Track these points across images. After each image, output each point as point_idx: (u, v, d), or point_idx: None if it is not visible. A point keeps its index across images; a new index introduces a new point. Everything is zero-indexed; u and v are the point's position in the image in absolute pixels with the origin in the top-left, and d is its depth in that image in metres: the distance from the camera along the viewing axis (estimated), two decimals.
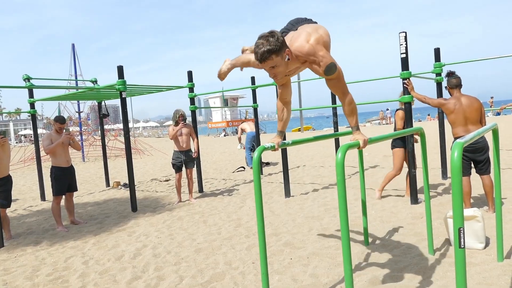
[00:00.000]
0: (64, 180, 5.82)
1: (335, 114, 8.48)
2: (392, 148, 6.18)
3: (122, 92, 6.45)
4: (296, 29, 2.72)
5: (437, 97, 7.33)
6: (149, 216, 6.15)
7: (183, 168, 7.04)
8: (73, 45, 19.47)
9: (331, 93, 8.43)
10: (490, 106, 25.35)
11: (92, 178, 11.49)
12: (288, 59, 2.46)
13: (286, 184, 6.92)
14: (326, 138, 3.52)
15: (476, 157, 4.82)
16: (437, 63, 7.16)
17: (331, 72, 2.52)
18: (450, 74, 5.02)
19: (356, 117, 2.66)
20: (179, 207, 6.70)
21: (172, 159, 7.03)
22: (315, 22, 2.87)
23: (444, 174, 7.35)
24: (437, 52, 7.18)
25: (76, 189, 6.10)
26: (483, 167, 4.86)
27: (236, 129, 38.11)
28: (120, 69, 6.47)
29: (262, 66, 2.45)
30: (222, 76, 3.16)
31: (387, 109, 35.78)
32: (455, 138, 4.94)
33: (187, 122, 7.03)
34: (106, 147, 10.53)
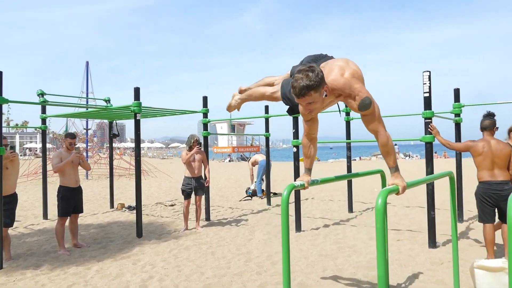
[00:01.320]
0: (70, 201, 5.64)
1: (349, 149, 8.33)
2: None
3: (137, 114, 6.34)
4: (319, 65, 2.63)
5: (455, 139, 7.19)
6: (154, 244, 5.92)
7: (192, 195, 6.86)
8: (87, 63, 19.71)
9: (346, 125, 8.31)
10: None
11: (95, 197, 11.28)
12: (326, 95, 2.35)
13: (297, 218, 6.70)
14: (353, 177, 3.36)
15: (501, 205, 4.63)
16: (456, 103, 7.04)
17: (367, 107, 2.41)
18: (487, 115, 4.86)
19: (394, 157, 2.50)
20: (186, 235, 6.47)
21: (182, 185, 6.85)
22: (332, 57, 2.81)
23: (460, 217, 7.11)
24: (456, 92, 7.08)
25: (81, 211, 5.91)
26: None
27: (241, 155, 37.97)
28: (137, 91, 6.40)
29: (299, 101, 2.33)
30: (231, 109, 3.46)
31: (395, 144, 35.67)
32: (480, 182, 4.76)
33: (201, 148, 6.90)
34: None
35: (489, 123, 4.76)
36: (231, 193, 11.91)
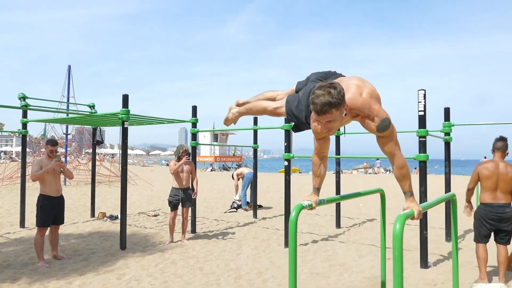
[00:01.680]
0: (50, 211, 5.36)
1: (338, 163, 8.29)
2: None
3: (125, 122, 6.13)
4: None
5: (444, 158, 7.22)
6: (139, 257, 5.68)
7: (179, 206, 6.65)
8: (69, 67, 19.27)
9: (335, 140, 8.26)
10: None
11: (75, 205, 10.88)
12: (345, 114, 2.25)
13: (286, 233, 6.56)
14: (356, 197, 3.27)
15: (502, 227, 4.63)
16: (446, 122, 7.09)
17: (385, 128, 2.32)
18: (500, 139, 4.85)
19: (409, 181, 2.41)
20: (171, 248, 6.26)
21: (170, 196, 6.63)
22: (342, 75, 2.74)
23: (448, 236, 7.11)
24: (447, 111, 7.13)
25: (62, 222, 5.64)
26: (505, 237, 4.67)
27: (223, 165, 37.70)
28: (125, 98, 6.20)
29: (318, 118, 2.22)
30: (228, 123, 3.32)
31: (377, 159, 36.02)
32: (482, 204, 4.74)
33: (190, 158, 6.72)
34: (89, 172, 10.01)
35: (501, 145, 4.76)
36: (216, 204, 11.70)
